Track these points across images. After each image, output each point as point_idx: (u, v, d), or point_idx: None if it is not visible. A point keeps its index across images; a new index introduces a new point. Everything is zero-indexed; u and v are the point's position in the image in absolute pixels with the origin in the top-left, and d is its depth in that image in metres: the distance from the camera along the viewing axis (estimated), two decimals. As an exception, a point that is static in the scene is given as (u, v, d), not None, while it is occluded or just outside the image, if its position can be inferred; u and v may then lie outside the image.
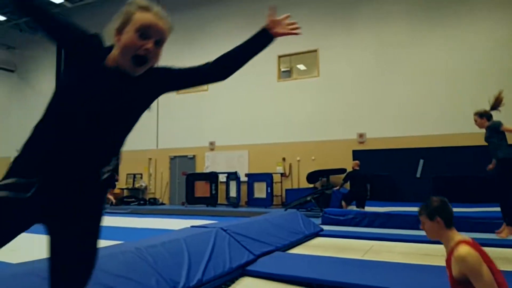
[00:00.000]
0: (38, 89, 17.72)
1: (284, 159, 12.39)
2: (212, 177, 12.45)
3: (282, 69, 13.15)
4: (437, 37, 11.06)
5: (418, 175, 10.83)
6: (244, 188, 12.22)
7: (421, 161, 10.82)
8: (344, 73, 12.03)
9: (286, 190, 11.83)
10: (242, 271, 3.61)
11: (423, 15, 11.31)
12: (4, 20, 16.72)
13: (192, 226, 4.47)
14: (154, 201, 13.81)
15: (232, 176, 12.15)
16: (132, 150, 14.85)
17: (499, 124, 5.24)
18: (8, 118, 18.52)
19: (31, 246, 4.14)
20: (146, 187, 14.55)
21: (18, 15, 16.58)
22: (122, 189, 14.71)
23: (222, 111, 13.55)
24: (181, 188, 13.60)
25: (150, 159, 14.66)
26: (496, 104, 5.37)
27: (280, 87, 12.90)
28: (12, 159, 1.44)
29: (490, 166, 5.50)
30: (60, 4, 14.94)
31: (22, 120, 17.97)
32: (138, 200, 13.87)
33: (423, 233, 2.13)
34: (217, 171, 12.71)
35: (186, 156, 14.16)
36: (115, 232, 5.25)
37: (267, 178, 11.77)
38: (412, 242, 5.14)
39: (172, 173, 14.35)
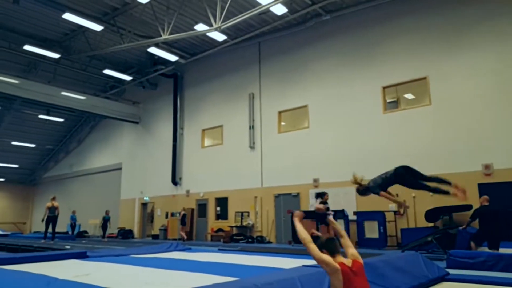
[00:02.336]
0: (158, 137, 19.92)
1: (397, 195, 11.44)
2: (317, 215, 12.09)
3: (388, 100, 12.57)
4: None
5: None
6: (353, 227, 11.59)
7: None
8: (460, 98, 10.98)
9: (402, 229, 10.83)
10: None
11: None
12: (131, 80, 19.48)
13: (304, 266, 4.34)
14: (261, 239, 13.94)
15: (339, 214, 11.65)
16: (239, 189, 15.52)
17: None
18: (133, 163, 21.05)
19: (166, 281, 4.45)
20: (253, 225, 14.83)
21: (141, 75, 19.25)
22: (231, 226, 15.25)
23: (325, 147, 13.37)
24: (287, 226, 13.51)
25: (256, 197, 15.01)
26: None
27: (387, 119, 12.29)
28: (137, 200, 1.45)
29: None
30: (176, 61, 16.85)
31: (145, 165, 20.26)
32: (246, 237, 14.18)
33: None
34: (323, 209, 12.34)
35: (290, 194, 14.14)
36: (231, 268, 5.36)
37: (378, 216, 10.97)
38: None
39: (277, 211, 14.41)
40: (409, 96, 12.60)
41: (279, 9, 12.35)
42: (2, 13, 14.58)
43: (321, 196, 9.44)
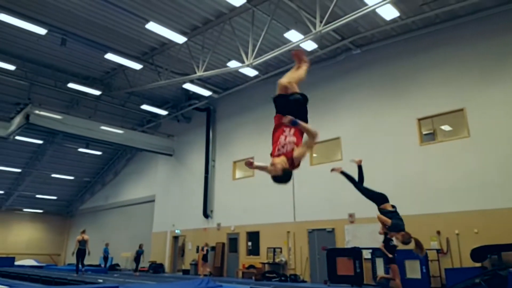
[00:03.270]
0: (191, 169, 20.14)
1: (438, 232, 10.86)
2: (355, 253, 11.59)
3: (424, 132, 12.17)
4: None
5: None
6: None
7: None
8: (501, 130, 10.47)
9: (446, 270, 10.11)
10: None
11: None
12: (166, 114, 20.09)
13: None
14: (295, 278, 13.41)
15: (378, 252, 11.07)
16: (271, 223, 15.21)
17: None
18: (166, 195, 21.27)
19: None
20: (286, 262, 14.34)
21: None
22: (263, 263, 14.83)
23: (360, 181, 12.95)
24: (322, 264, 12.97)
25: (288, 232, 14.62)
26: None
27: (424, 151, 11.84)
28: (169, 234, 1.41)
29: None
30: (209, 96, 17.29)
31: (177, 197, 20.41)
32: (279, 275, 13.69)
33: None
34: (360, 246, 11.82)
35: (324, 230, 13.68)
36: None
37: (419, 255, 10.33)
38: None
39: (311, 247, 13.91)
40: (446, 128, 12.16)
41: (309, 45, 12.50)
42: (50, 54, 15.65)
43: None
